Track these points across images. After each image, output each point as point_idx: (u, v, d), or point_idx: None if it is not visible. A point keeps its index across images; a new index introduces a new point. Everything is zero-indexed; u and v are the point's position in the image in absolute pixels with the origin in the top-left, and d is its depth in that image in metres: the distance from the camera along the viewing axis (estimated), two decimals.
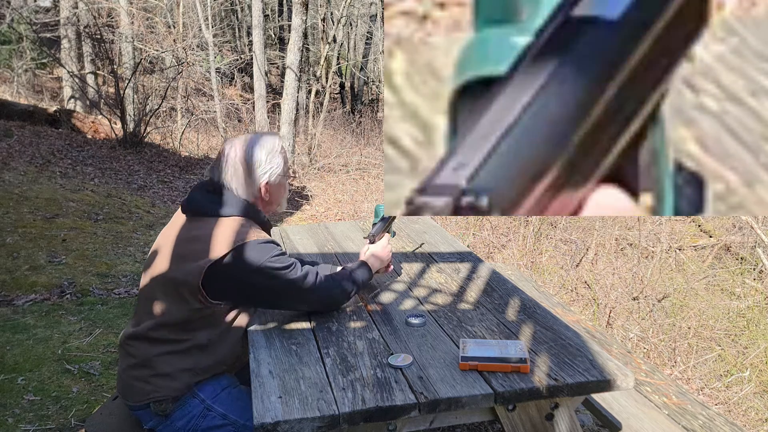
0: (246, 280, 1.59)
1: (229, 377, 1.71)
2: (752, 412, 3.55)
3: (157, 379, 1.59)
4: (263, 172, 1.68)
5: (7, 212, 5.57)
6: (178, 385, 1.59)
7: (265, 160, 1.68)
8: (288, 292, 1.65)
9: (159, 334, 1.60)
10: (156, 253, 1.67)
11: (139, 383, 1.60)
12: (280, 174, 1.72)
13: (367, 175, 8.92)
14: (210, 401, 1.61)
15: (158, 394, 1.58)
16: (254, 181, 1.68)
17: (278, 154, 1.71)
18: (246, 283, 1.60)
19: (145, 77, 11.89)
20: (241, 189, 1.67)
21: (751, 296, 5.12)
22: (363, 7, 18.71)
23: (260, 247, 1.59)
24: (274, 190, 1.73)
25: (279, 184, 1.73)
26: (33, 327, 3.39)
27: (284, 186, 1.78)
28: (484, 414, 1.43)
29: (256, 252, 1.58)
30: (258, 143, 1.70)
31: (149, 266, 1.67)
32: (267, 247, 1.60)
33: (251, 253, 1.57)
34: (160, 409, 1.59)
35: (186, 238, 1.63)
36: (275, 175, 1.70)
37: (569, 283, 5.03)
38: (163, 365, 1.59)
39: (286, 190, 1.80)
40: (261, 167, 1.68)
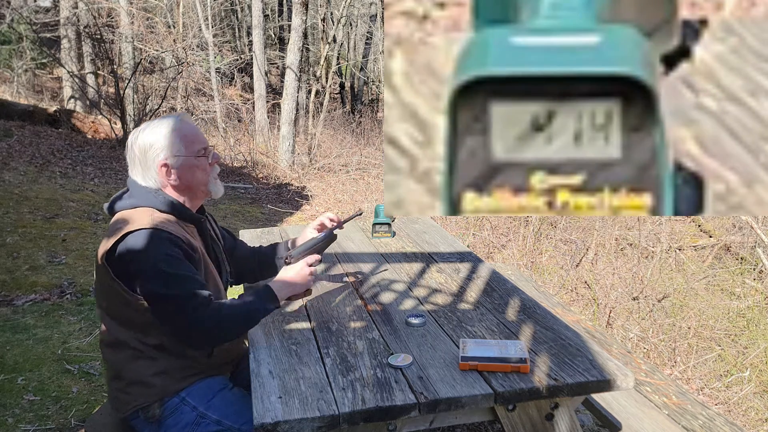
0: (135, 272, 1.50)
1: (223, 379, 1.68)
2: (752, 412, 3.55)
3: (132, 388, 1.57)
4: (155, 154, 1.58)
5: (7, 212, 5.57)
6: (156, 391, 1.56)
7: (157, 140, 1.58)
8: (165, 305, 1.49)
9: (117, 336, 1.57)
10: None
11: (120, 395, 1.59)
12: (182, 154, 1.60)
13: (367, 175, 8.92)
14: (203, 408, 1.58)
15: (139, 402, 1.56)
16: (149, 164, 1.59)
17: (173, 133, 1.59)
18: (137, 276, 1.50)
19: (145, 77, 11.90)
20: (140, 176, 1.61)
21: (751, 296, 5.12)
22: (363, 7, 18.71)
23: (147, 235, 1.49)
24: (181, 173, 1.61)
25: (186, 165, 1.61)
26: (33, 327, 3.39)
27: (198, 167, 1.63)
28: (484, 414, 1.43)
29: (141, 241, 1.48)
30: (150, 126, 1.62)
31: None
32: (156, 239, 1.49)
33: (137, 241, 1.49)
34: (149, 415, 1.57)
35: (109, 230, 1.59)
36: (174, 156, 1.59)
37: (569, 283, 5.03)
38: (133, 373, 1.56)
39: (204, 172, 1.65)
40: (153, 148, 1.58)
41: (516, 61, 1.31)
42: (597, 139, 1.32)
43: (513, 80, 1.30)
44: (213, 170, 1.69)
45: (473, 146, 1.34)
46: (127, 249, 1.50)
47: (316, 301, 1.89)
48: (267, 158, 10.51)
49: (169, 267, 1.48)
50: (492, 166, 1.34)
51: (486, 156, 1.34)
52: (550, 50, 1.31)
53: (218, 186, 1.71)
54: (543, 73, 1.29)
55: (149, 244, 1.49)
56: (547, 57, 1.30)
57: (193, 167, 1.63)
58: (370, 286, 2.02)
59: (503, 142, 1.33)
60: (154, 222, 1.52)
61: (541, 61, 1.30)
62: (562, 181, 1.34)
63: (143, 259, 1.48)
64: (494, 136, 1.33)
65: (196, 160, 1.63)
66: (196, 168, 1.64)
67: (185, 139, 1.61)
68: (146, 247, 1.49)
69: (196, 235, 1.69)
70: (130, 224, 1.52)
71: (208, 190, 1.68)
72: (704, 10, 1.41)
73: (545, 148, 1.33)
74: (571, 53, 1.29)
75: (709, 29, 1.37)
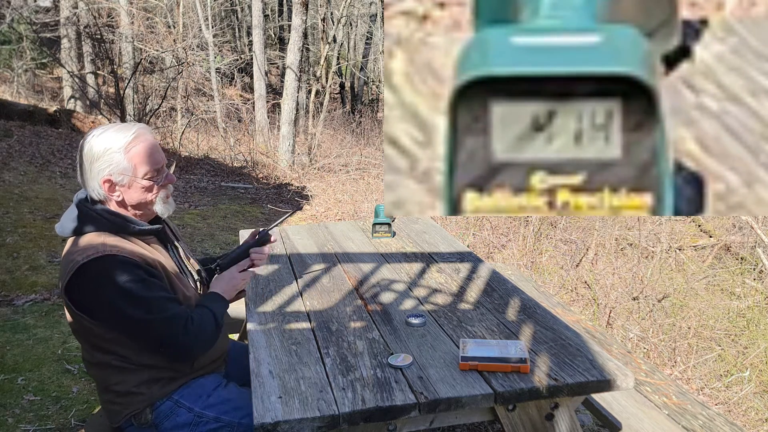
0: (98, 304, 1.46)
1: (216, 377, 1.68)
2: (752, 412, 3.54)
3: (121, 398, 1.56)
4: (101, 168, 1.50)
5: (7, 212, 5.57)
6: (144, 398, 1.56)
7: (106, 153, 1.49)
8: (139, 331, 1.48)
9: (96, 359, 1.56)
10: None
11: (110, 406, 1.59)
12: (129, 174, 1.51)
13: (367, 175, 8.91)
14: (199, 408, 1.58)
15: (129, 411, 1.56)
16: (93, 176, 1.51)
17: (123, 150, 1.50)
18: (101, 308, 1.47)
19: (145, 77, 11.90)
20: (83, 184, 1.54)
21: (751, 296, 5.12)
22: (363, 7, 18.71)
23: (101, 264, 1.43)
24: (125, 192, 1.53)
25: (130, 185, 1.53)
26: (33, 327, 3.39)
27: (144, 188, 1.54)
28: (484, 414, 1.43)
29: (96, 271, 1.43)
30: (105, 134, 1.51)
31: None
32: (111, 266, 1.43)
33: (93, 271, 1.43)
34: (142, 420, 1.57)
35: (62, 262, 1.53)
36: (119, 174, 1.50)
37: (569, 283, 5.03)
38: (119, 386, 1.55)
39: (151, 193, 1.56)
40: (100, 161, 1.49)
41: (516, 61, 1.31)
42: (597, 139, 1.32)
43: (513, 80, 1.30)
44: (164, 190, 1.60)
45: (473, 146, 1.34)
46: (85, 281, 1.44)
47: (316, 301, 1.89)
48: (267, 158, 10.51)
49: (133, 293, 1.44)
50: (492, 166, 1.34)
51: (486, 156, 1.34)
52: (551, 50, 1.31)
53: (168, 206, 1.62)
54: (543, 73, 1.29)
55: (107, 273, 1.43)
56: (547, 57, 1.30)
57: (138, 188, 1.54)
58: (370, 286, 2.01)
59: (503, 142, 1.33)
60: (105, 248, 1.45)
61: (542, 61, 1.30)
62: (563, 181, 1.34)
63: (102, 291, 1.44)
64: (494, 136, 1.33)
65: (142, 181, 1.54)
66: (141, 189, 1.54)
67: (135, 159, 1.52)
68: (104, 277, 1.43)
69: (157, 244, 1.63)
70: (81, 253, 1.45)
71: (153, 210, 1.61)
72: (704, 10, 1.41)
73: (545, 148, 1.33)
74: (572, 53, 1.29)
75: (709, 29, 1.37)
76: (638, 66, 1.27)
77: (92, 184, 1.52)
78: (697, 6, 1.42)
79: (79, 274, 1.44)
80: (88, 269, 1.43)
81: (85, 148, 1.52)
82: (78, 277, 1.44)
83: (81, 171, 1.54)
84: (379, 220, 2.62)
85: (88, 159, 1.51)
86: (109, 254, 1.45)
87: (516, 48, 1.32)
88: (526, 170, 1.34)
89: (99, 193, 1.53)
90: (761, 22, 1.36)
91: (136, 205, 1.57)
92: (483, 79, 1.31)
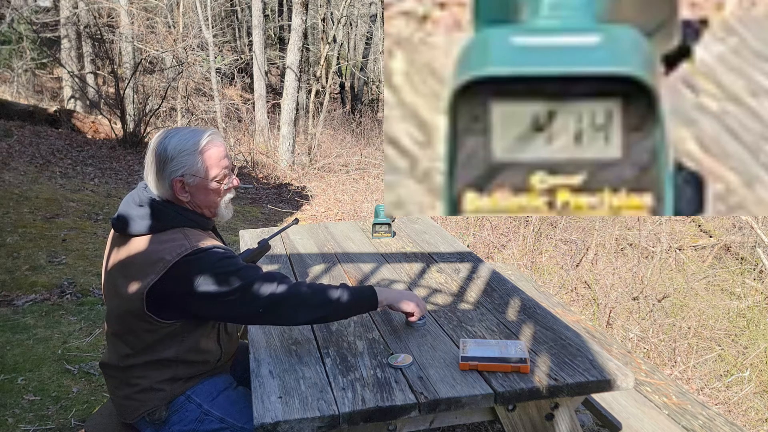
0: (190, 296, 1.48)
1: (227, 377, 1.70)
2: (752, 412, 3.54)
3: (141, 395, 1.56)
4: (174, 168, 1.54)
5: (7, 212, 5.57)
6: (164, 395, 1.57)
7: (180, 155, 1.54)
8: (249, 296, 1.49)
9: (128, 363, 1.56)
10: (104, 282, 1.61)
11: (127, 402, 1.59)
12: (201, 176, 1.57)
13: (367, 175, 8.92)
14: (207, 405, 1.59)
15: (147, 407, 1.57)
16: (165, 176, 1.55)
17: (197, 153, 1.56)
18: (192, 300, 1.48)
19: (145, 77, 11.90)
20: (152, 182, 1.57)
21: (751, 296, 5.12)
22: (363, 7, 18.71)
23: (196, 259, 1.47)
24: (194, 192, 1.58)
25: (201, 186, 1.58)
26: (33, 327, 3.39)
27: (213, 191, 1.60)
28: (484, 414, 1.43)
29: (192, 265, 1.47)
30: (178, 135, 1.57)
31: (105, 297, 1.62)
32: (204, 256, 1.48)
33: (188, 267, 1.47)
34: (155, 418, 1.57)
35: (121, 264, 1.53)
36: (192, 175, 1.56)
37: (569, 283, 5.03)
38: (143, 380, 1.56)
39: (218, 196, 1.62)
40: (173, 162, 1.54)
41: (516, 61, 1.31)
42: (597, 139, 1.32)
43: (513, 80, 1.30)
44: (227, 194, 1.65)
45: (473, 146, 1.34)
46: (179, 276, 1.46)
47: None
48: (267, 158, 10.52)
49: (232, 271, 1.48)
50: (492, 166, 1.34)
51: (486, 156, 1.34)
52: (551, 50, 1.31)
53: (228, 210, 1.67)
54: (543, 73, 1.29)
55: (203, 266, 1.47)
56: (547, 57, 1.30)
57: (208, 191, 1.59)
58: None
59: (503, 142, 1.33)
60: (194, 243, 1.50)
61: (542, 61, 1.30)
62: (563, 181, 1.34)
63: (203, 281, 1.46)
64: (494, 136, 1.33)
65: (212, 183, 1.59)
66: (210, 191, 1.60)
67: (208, 161, 1.58)
68: (201, 270, 1.46)
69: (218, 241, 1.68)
70: (170, 252, 1.47)
71: (214, 213, 1.65)
72: (704, 10, 1.41)
73: (545, 148, 1.33)
74: (572, 53, 1.30)
75: (709, 29, 1.37)
76: (638, 66, 1.27)
77: (163, 183, 1.56)
78: (697, 6, 1.42)
79: (175, 269, 1.46)
80: (181, 265, 1.46)
81: (158, 149, 1.56)
82: (173, 270, 1.45)
83: (153, 170, 1.57)
84: (379, 220, 2.62)
85: (161, 159, 1.55)
86: (201, 248, 1.49)
87: (516, 48, 1.32)
88: (526, 170, 1.34)
89: (167, 192, 1.57)
90: (761, 22, 1.36)
91: (200, 205, 1.61)
92: (483, 79, 1.31)
